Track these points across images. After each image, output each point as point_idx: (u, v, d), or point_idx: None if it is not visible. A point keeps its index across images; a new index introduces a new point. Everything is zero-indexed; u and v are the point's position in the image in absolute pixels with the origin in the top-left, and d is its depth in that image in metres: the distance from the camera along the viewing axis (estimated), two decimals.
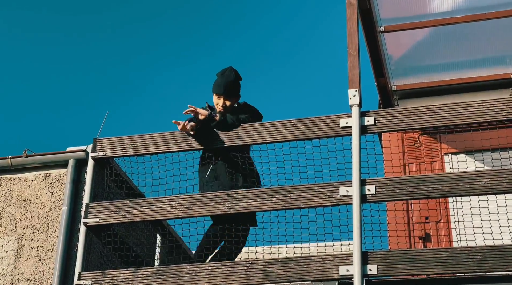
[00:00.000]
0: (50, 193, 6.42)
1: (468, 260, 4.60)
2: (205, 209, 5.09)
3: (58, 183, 6.45)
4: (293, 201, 5.01)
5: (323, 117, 5.23)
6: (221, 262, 4.98)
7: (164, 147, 5.33)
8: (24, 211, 6.39)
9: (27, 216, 6.37)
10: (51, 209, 6.34)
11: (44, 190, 6.43)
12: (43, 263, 6.09)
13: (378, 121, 5.12)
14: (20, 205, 6.40)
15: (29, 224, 6.31)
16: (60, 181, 6.45)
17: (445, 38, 7.45)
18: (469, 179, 4.79)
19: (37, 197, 6.43)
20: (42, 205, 6.37)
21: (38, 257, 6.13)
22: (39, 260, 6.11)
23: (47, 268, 6.07)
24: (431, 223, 7.22)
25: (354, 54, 5.32)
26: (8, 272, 6.07)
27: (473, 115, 5.00)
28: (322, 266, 4.80)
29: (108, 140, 5.40)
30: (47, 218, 6.33)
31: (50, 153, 6.48)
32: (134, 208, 5.13)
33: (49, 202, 6.37)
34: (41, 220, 6.32)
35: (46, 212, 6.35)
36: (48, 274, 6.05)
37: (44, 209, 6.37)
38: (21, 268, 6.08)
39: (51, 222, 6.29)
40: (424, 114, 5.08)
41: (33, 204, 6.41)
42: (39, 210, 6.36)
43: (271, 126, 5.28)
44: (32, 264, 6.10)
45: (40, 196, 6.43)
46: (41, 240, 6.20)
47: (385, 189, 4.91)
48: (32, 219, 6.35)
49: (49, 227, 6.27)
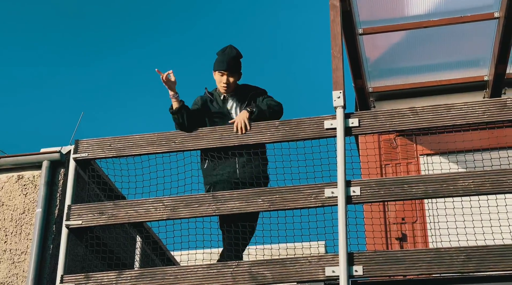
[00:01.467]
0: (23, 195, 6.36)
1: (452, 260, 4.65)
2: (190, 210, 5.08)
3: (32, 185, 6.39)
4: (278, 203, 5.03)
5: (308, 118, 5.25)
6: (206, 263, 4.97)
7: (148, 149, 5.30)
8: None
9: (0, 218, 6.29)
10: (25, 211, 6.28)
11: (17, 192, 6.37)
12: (16, 266, 6.03)
13: (362, 123, 5.16)
14: None
15: (2, 226, 6.23)
16: (33, 183, 6.39)
17: (421, 40, 7.52)
18: (452, 181, 4.85)
19: (10, 199, 6.36)
20: (15, 207, 6.31)
21: (11, 260, 6.07)
22: (12, 263, 6.04)
23: (21, 271, 6.00)
24: (407, 223, 7.29)
25: (338, 56, 5.35)
26: None
27: (455, 117, 5.05)
28: (308, 267, 4.82)
29: (90, 142, 5.36)
30: (20, 220, 6.26)
31: (23, 154, 6.42)
32: (118, 210, 5.09)
33: (22, 204, 6.31)
34: (14, 223, 6.24)
35: (19, 215, 6.28)
36: (22, 277, 5.99)
37: (17, 211, 6.30)
38: None
39: (24, 225, 6.23)
40: (407, 116, 5.12)
41: (6, 206, 6.34)
42: (12, 213, 6.29)
43: (255, 128, 5.28)
44: (5, 267, 6.03)
45: (13, 198, 6.36)
46: (14, 243, 6.13)
47: (370, 191, 4.95)
48: (4, 221, 6.28)
49: (22, 230, 6.20)
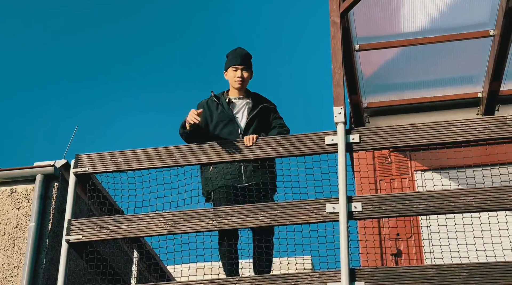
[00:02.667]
0: (16, 209, 6.33)
1: (454, 277, 4.66)
2: (191, 225, 5.07)
3: (25, 198, 6.36)
4: (279, 218, 5.03)
5: (309, 134, 5.26)
6: (208, 279, 4.95)
7: (148, 163, 5.29)
8: None
9: None
10: (17, 225, 6.25)
11: (10, 205, 6.34)
12: (8, 280, 5.99)
13: (363, 139, 5.18)
14: None
15: None
16: (27, 197, 6.36)
17: (415, 57, 7.57)
18: (454, 197, 4.87)
19: (3, 213, 6.33)
20: (8, 221, 6.28)
21: (4, 274, 6.03)
22: (5, 277, 6.01)
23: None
24: (402, 239, 7.29)
25: (338, 72, 5.38)
26: None
27: (455, 134, 5.08)
28: (309, 283, 4.82)
29: (90, 156, 5.34)
30: (13, 234, 6.23)
31: (17, 168, 6.41)
32: (119, 225, 5.07)
33: (15, 218, 6.28)
34: (7, 237, 6.21)
35: (12, 229, 6.25)
36: None
37: (10, 225, 6.27)
38: None
39: (17, 239, 6.20)
40: (408, 132, 5.15)
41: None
42: (5, 227, 6.26)
43: (256, 143, 5.29)
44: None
45: (5, 212, 6.33)
46: (7, 257, 6.10)
47: (371, 206, 4.96)
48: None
49: (15, 244, 6.17)
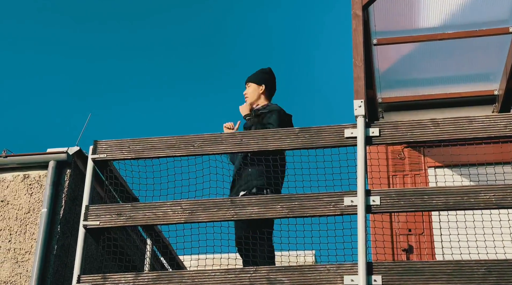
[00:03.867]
0: (28, 194, 6.34)
1: (472, 273, 4.64)
2: (208, 215, 5.05)
3: (38, 184, 6.37)
4: (297, 210, 5.01)
5: (328, 126, 5.23)
6: (224, 268, 4.94)
7: (167, 152, 5.27)
8: (1, 212, 6.29)
9: (4, 217, 6.27)
10: (30, 211, 6.25)
11: (23, 191, 6.35)
12: (20, 265, 5.99)
13: (383, 133, 5.15)
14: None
15: (6, 225, 6.20)
16: (39, 183, 6.37)
17: (432, 52, 7.55)
18: (474, 193, 4.84)
19: (15, 198, 6.33)
20: (20, 207, 6.28)
21: (15, 259, 6.03)
22: (16, 262, 6.01)
23: (24, 271, 5.98)
24: (414, 235, 7.28)
25: (359, 65, 5.35)
26: None
27: (477, 130, 5.05)
28: (326, 275, 4.81)
29: (109, 143, 5.33)
30: (25, 220, 6.23)
31: (30, 154, 6.42)
32: (136, 212, 5.06)
33: (28, 203, 6.28)
34: (19, 222, 6.22)
35: (24, 214, 6.26)
36: (25, 277, 5.96)
37: (22, 210, 6.28)
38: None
39: (29, 224, 6.20)
40: (428, 127, 5.12)
41: (11, 205, 6.31)
42: (17, 212, 6.26)
43: (275, 134, 5.26)
44: (9, 266, 6.00)
45: (18, 197, 6.33)
46: (19, 242, 6.10)
47: (390, 201, 4.94)
48: (9, 220, 6.25)
49: (27, 229, 6.17)
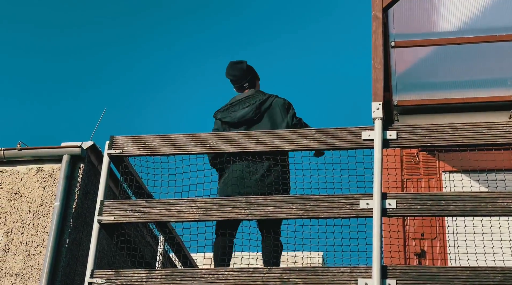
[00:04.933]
0: (42, 187, 6.34)
1: (488, 280, 4.61)
2: (222, 213, 5.03)
3: (51, 178, 6.37)
4: (312, 211, 4.98)
5: (345, 128, 5.21)
6: (237, 268, 4.92)
7: (182, 149, 5.25)
8: (14, 205, 6.29)
9: (17, 209, 6.27)
10: (42, 204, 6.26)
11: (36, 184, 6.35)
12: (32, 258, 6.00)
13: (400, 136, 5.12)
14: (11, 198, 6.31)
15: (19, 218, 6.21)
16: (53, 176, 6.37)
17: (449, 56, 7.50)
18: (492, 199, 4.81)
19: (29, 191, 6.34)
20: (33, 200, 6.29)
21: (27, 252, 6.04)
22: (28, 255, 6.01)
23: (36, 264, 5.98)
24: (426, 239, 7.24)
25: (378, 68, 5.31)
26: None
27: (496, 136, 5.01)
28: (340, 278, 4.78)
29: (125, 138, 5.32)
30: (38, 213, 6.24)
31: (44, 147, 6.42)
32: (151, 208, 5.04)
33: (41, 196, 6.29)
34: (32, 215, 6.22)
35: (37, 207, 6.26)
36: (37, 270, 5.96)
37: (35, 203, 6.28)
38: (9, 262, 5.98)
39: (42, 217, 6.21)
40: (447, 132, 5.08)
41: (24, 198, 6.32)
42: (30, 205, 6.27)
43: (292, 134, 5.24)
44: (21, 258, 6.00)
45: (31, 190, 6.34)
46: (31, 235, 6.10)
47: (406, 204, 4.91)
48: (22, 213, 6.26)
49: (39, 222, 6.18)
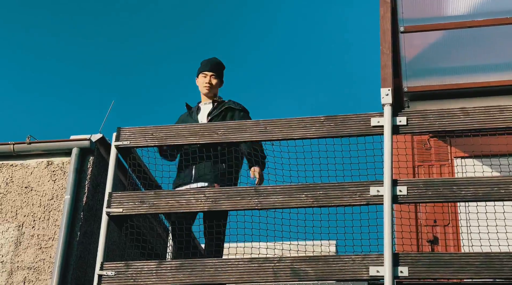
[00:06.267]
0: (52, 181, 6.33)
1: (502, 266, 4.54)
2: (231, 203, 4.98)
3: (61, 171, 6.35)
4: (322, 199, 4.92)
5: (354, 115, 5.14)
6: (248, 257, 4.88)
7: (190, 139, 5.21)
8: (25, 198, 6.28)
9: (28, 203, 6.27)
10: (53, 198, 6.25)
11: (46, 177, 6.34)
12: (43, 251, 5.99)
13: (411, 122, 5.05)
14: (21, 192, 6.29)
15: (30, 211, 6.20)
16: (62, 170, 6.35)
17: (459, 41, 7.41)
18: (504, 184, 4.73)
19: (39, 184, 6.33)
20: (43, 193, 6.28)
21: (39, 245, 6.03)
22: (40, 248, 6.00)
23: (48, 257, 5.96)
24: (439, 226, 7.17)
25: (387, 53, 5.24)
26: (7, 259, 5.95)
27: (508, 119, 4.93)
28: (351, 266, 4.72)
29: (132, 130, 5.27)
30: (49, 206, 6.23)
31: (54, 141, 6.39)
32: (159, 200, 5.00)
33: (51, 190, 6.27)
34: (43, 208, 6.21)
35: (48, 200, 6.25)
36: (49, 263, 5.95)
37: (45, 197, 6.27)
38: (21, 255, 5.97)
39: (52, 211, 6.19)
40: (458, 116, 5.00)
41: (35, 191, 6.31)
42: (41, 198, 6.26)
43: (300, 122, 5.18)
44: (33, 252, 5.99)
45: (42, 183, 6.32)
46: (42, 228, 6.09)
47: (417, 191, 4.84)
48: (33, 206, 6.25)
49: (50, 216, 6.16)
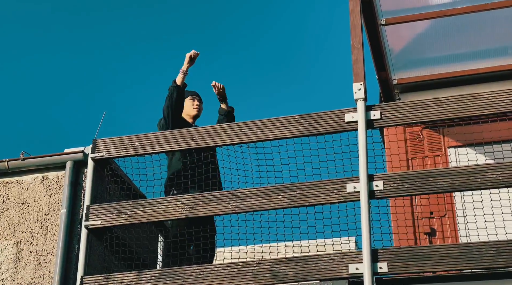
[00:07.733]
0: (48, 195, 6.33)
1: (481, 255, 4.48)
2: (209, 209, 4.97)
3: (56, 185, 6.35)
4: (299, 199, 4.89)
5: (328, 112, 5.10)
6: (227, 263, 4.86)
7: (166, 146, 5.20)
8: (22, 215, 6.29)
9: (26, 219, 6.28)
10: (50, 212, 6.25)
11: (42, 192, 6.34)
12: (42, 267, 6.00)
13: (384, 115, 5.00)
14: (18, 209, 6.30)
15: (28, 227, 6.21)
16: (58, 184, 6.35)
17: (446, 29, 7.34)
18: (480, 173, 4.66)
19: (35, 200, 6.33)
20: (40, 208, 6.28)
21: (38, 261, 6.04)
22: (39, 264, 6.01)
23: (47, 272, 5.97)
24: (435, 218, 7.11)
25: (358, 47, 5.19)
26: (7, 277, 5.97)
27: (482, 107, 4.87)
28: (330, 265, 4.68)
29: (107, 141, 5.27)
30: (46, 221, 6.23)
31: (47, 155, 6.39)
32: (137, 209, 5.00)
33: (48, 205, 6.28)
34: (40, 223, 6.22)
35: (45, 215, 6.26)
36: (48, 278, 5.95)
37: (42, 212, 6.28)
38: (21, 272, 5.99)
39: (50, 225, 6.20)
40: (431, 107, 4.95)
41: (31, 207, 6.32)
42: (38, 213, 6.27)
43: (275, 122, 5.15)
44: (32, 268, 6.00)
45: (38, 199, 6.33)
46: (40, 243, 6.10)
47: (394, 185, 4.79)
48: (30, 222, 6.26)
49: (48, 230, 6.17)
